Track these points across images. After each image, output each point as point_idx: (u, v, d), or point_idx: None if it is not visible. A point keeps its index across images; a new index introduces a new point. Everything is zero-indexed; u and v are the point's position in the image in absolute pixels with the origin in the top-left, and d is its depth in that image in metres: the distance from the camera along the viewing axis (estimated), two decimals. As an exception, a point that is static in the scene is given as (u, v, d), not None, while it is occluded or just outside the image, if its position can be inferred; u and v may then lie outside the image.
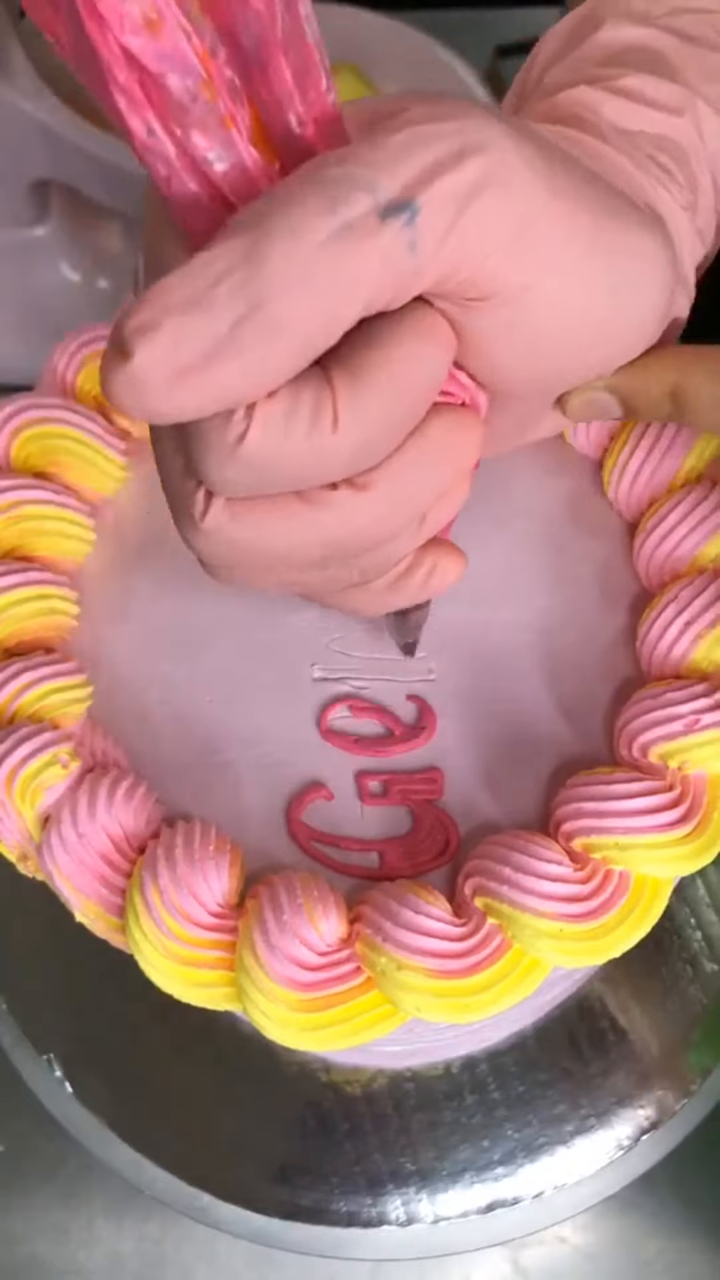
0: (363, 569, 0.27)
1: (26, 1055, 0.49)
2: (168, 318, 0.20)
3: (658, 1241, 0.51)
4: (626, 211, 0.27)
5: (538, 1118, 0.46)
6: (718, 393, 0.29)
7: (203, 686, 0.39)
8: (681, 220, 0.31)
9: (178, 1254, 0.51)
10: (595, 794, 0.34)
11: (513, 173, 0.23)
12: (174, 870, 0.33)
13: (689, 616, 0.36)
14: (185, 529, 0.26)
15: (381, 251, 0.21)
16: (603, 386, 0.30)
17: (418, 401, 0.24)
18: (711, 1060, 0.48)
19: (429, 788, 0.37)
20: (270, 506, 0.24)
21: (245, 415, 0.22)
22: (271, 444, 0.22)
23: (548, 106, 0.32)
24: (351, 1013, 0.33)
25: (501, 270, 0.23)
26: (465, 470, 0.27)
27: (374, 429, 0.23)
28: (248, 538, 0.25)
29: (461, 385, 0.27)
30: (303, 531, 0.25)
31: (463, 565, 0.30)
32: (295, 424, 0.22)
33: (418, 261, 0.22)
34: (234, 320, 0.21)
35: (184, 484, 0.25)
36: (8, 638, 0.38)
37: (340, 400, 0.23)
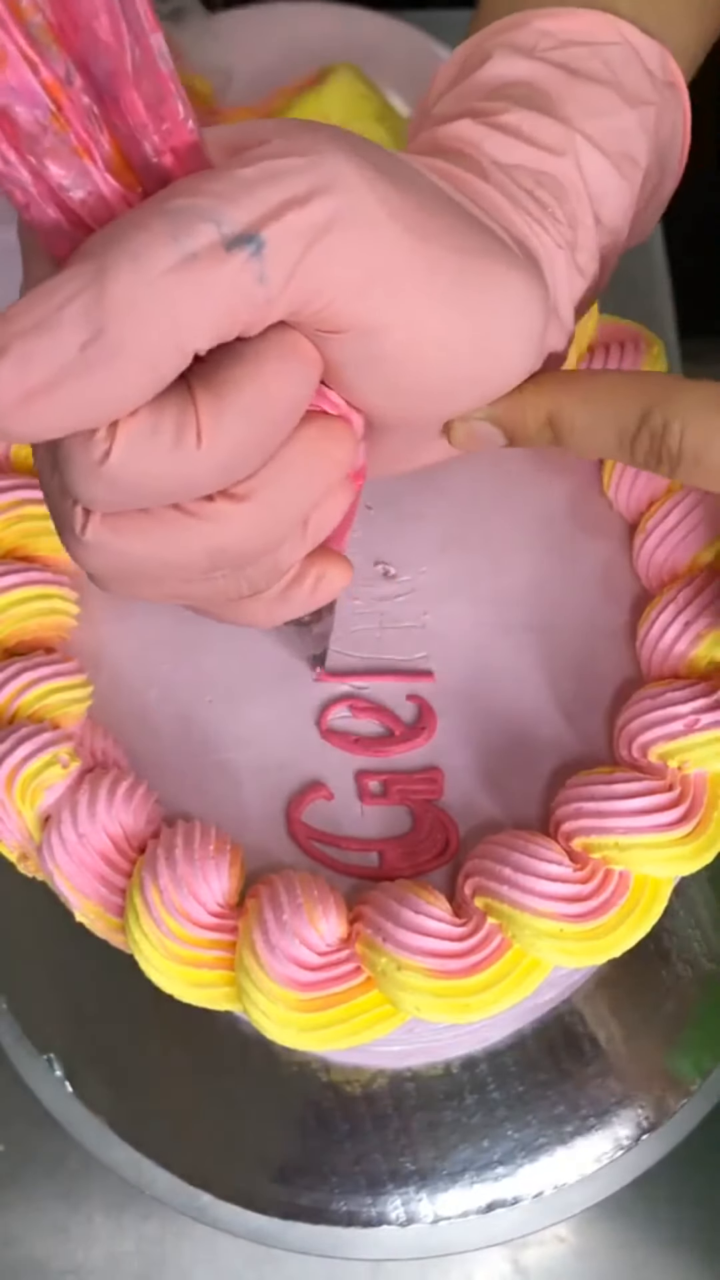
0: (250, 579, 0.27)
1: (26, 1055, 0.49)
2: (15, 341, 0.21)
3: (656, 1242, 0.51)
4: (495, 251, 0.27)
5: (537, 1118, 0.46)
6: (587, 419, 0.29)
7: (203, 686, 0.39)
8: (558, 258, 0.31)
9: (177, 1253, 0.51)
10: (595, 794, 0.34)
11: (364, 213, 0.23)
12: (174, 870, 0.33)
13: (689, 616, 0.36)
14: (69, 544, 0.26)
15: (228, 281, 0.22)
16: (482, 417, 0.30)
17: (283, 417, 0.25)
18: (710, 1061, 0.48)
19: (429, 788, 0.37)
20: (148, 519, 0.25)
21: (107, 434, 0.22)
22: (135, 461, 0.23)
23: (431, 139, 0.32)
24: (351, 1013, 0.33)
25: (352, 308, 0.24)
26: (340, 478, 0.27)
27: (239, 444, 0.24)
28: (129, 550, 0.25)
29: (332, 402, 0.27)
30: (184, 542, 0.25)
31: (348, 574, 0.30)
32: (158, 441, 0.23)
33: (267, 292, 0.22)
34: (79, 343, 0.21)
35: (62, 500, 0.25)
36: (8, 638, 0.39)
37: (203, 417, 0.23)
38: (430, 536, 0.41)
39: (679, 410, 0.28)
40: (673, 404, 0.28)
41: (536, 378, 0.30)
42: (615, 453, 0.30)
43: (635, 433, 0.29)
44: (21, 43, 0.20)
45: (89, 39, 0.21)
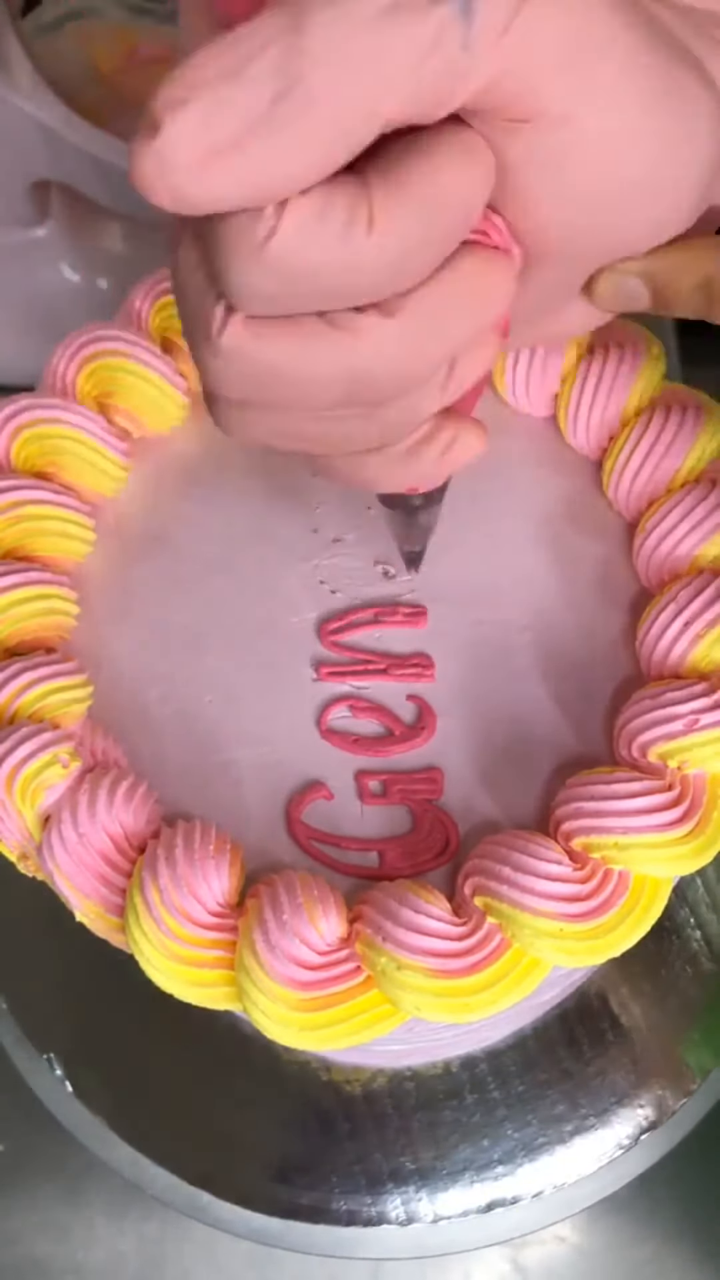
0: (383, 425, 0.26)
1: (27, 1055, 0.49)
2: (201, 91, 0.19)
3: (656, 1241, 0.51)
4: (684, 58, 0.25)
5: (537, 1117, 0.46)
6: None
7: (203, 686, 0.39)
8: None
9: (178, 1253, 0.51)
10: (595, 794, 0.34)
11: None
12: (174, 870, 0.33)
13: (689, 616, 0.36)
14: (201, 351, 0.24)
15: (431, 35, 0.20)
16: (635, 270, 0.28)
17: (454, 220, 0.23)
18: (710, 1060, 0.48)
19: (429, 787, 0.37)
20: (293, 327, 0.23)
21: (276, 211, 0.21)
22: (302, 244, 0.21)
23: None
24: (351, 1012, 0.33)
25: (551, 88, 0.22)
26: (495, 316, 0.26)
27: (408, 241, 0.22)
28: (267, 359, 0.23)
29: (497, 229, 0.25)
30: (326, 357, 0.23)
31: (484, 440, 0.28)
32: (328, 225, 0.21)
33: (470, 60, 0.20)
34: (271, 96, 0.19)
35: (204, 299, 0.23)
36: (8, 638, 0.39)
37: (376, 205, 0.21)
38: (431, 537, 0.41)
39: None
40: None
41: (690, 240, 0.28)
42: None
43: None
44: None
45: None
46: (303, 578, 0.41)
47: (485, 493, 0.42)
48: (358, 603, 0.40)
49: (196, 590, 0.41)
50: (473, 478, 0.42)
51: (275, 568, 0.41)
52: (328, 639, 0.40)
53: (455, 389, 0.26)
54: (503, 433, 0.43)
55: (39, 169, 0.57)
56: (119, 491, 0.43)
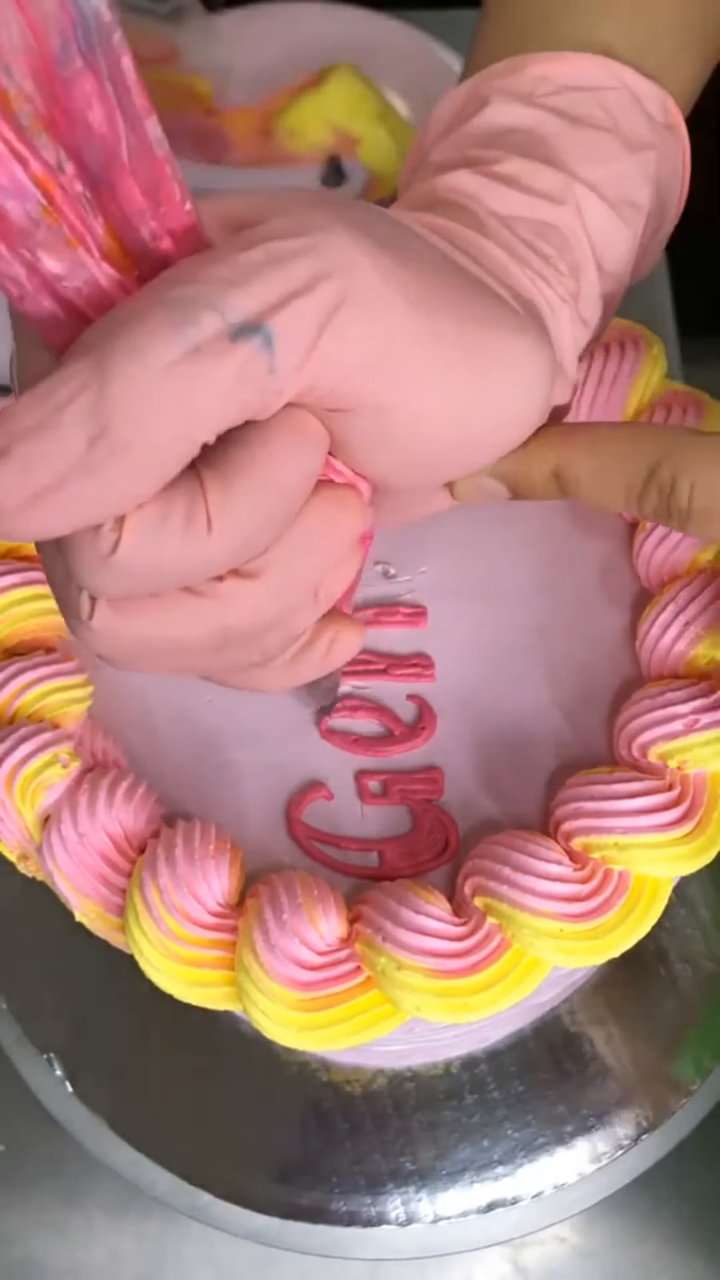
0: (262, 649, 0.27)
1: (27, 1055, 0.49)
2: (17, 443, 0.20)
3: (656, 1241, 0.51)
4: (499, 317, 0.27)
5: (537, 1117, 0.46)
6: (593, 467, 0.29)
7: (203, 686, 0.39)
8: (562, 312, 0.30)
9: (177, 1253, 0.51)
10: (595, 794, 0.34)
11: (371, 291, 0.23)
12: (174, 870, 0.33)
13: (689, 616, 0.36)
14: (75, 628, 0.25)
15: (235, 373, 0.21)
16: (489, 473, 0.30)
17: (292, 496, 0.24)
18: (710, 1061, 0.48)
19: (429, 787, 0.37)
20: (157, 603, 0.24)
21: (115, 526, 0.22)
22: (145, 551, 0.22)
23: (429, 190, 0.32)
24: (351, 1012, 0.33)
25: (359, 388, 0.23)
26: (351, 545, 0.27)
27: (249, 526, 0.23)
28: (138, 633, 0.24)
29: (339, 473, 0.27)
30: (194, 623, 0.25)
31: (361, 636, 0.30)
32: (168, 530, 0.22)
33: (278, 383, 0.22)
34: (85, 441, 0.20)
35: (68, 587, 0.24)
36: (8, 638, 0.39)
37: (212, 503, 0.22)
38: (430, 537, 0.41)
39: (687, 465, 0.28)
40: (680, 459, 0.28)
41: (541, 431, 0.30)
42: (624, 506, 0.29)
43: (643, 488, 0.28)
44: (11, 138, 0.20)
45: (82, 130, 0.20)
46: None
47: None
48: (358, 603, 0.40)
49: (196, 590, 0.41)
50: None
51: (275, 568, 0.41)
52: (328, 639, 0.40)
53: (325, 604, 0.27)
54: (503, 433, 0.43)
55: (39, 169, 0.57)
56: (119, 491, 0.43)
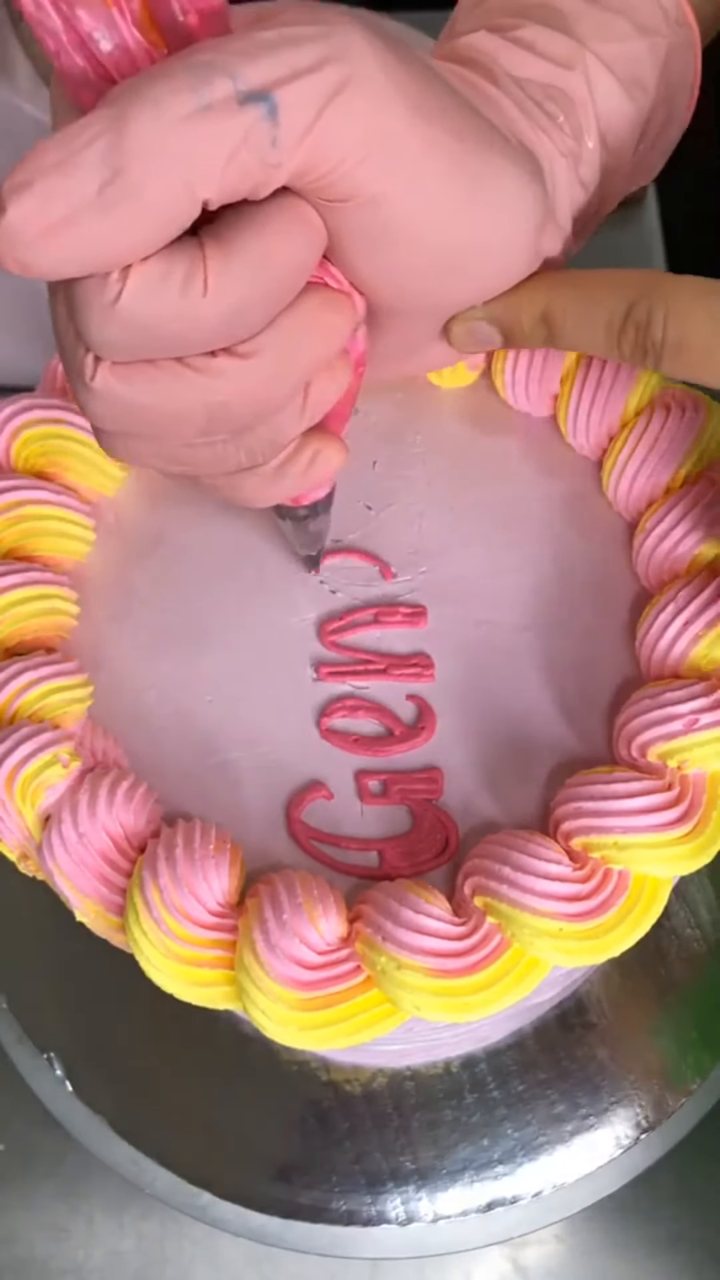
0: (249, 448, 0.29)
1: (27, 1054, 0.49)
2: (39, 177, 0.22)
3: (656, 1241, 0.51)
4: (497, 144, 0.29)
5: (537, 1117, 0.46)
6: (578, 308, 0.30)
7: (203, 686, 0.39)
8: (560, 165, 0.32)
9: (177, 1252, 0.51)
10: (594, 793, 0.34)
11: (373, 83, 0.25)
12: (174, 869, 0.33)
13: (688, 616, 0.36)
14: (78, 391, 0.27)
15: (239, 134, 0.23)
16: (480, 315, 0.32)
17: (286, 276, 0.26)
18: (710, 1060, 0.48)
19: (429, 787, 0.37)
20: (153, 369, 0.26)
21: (120, 276, 0.24)
22: (145, 304, 0.24)
23: (450, 49, 0.34)
24: (351, 1012, 0.33)
25: (356, 174, 0.25)
26: (338, 348, 0.29)
27: (242, 296, 0.25)
28: (134, 398, 0.26)
29: (335, 278, 0.28)
30: (185, 394, 0.26)
31: (344, 454, 0.32)
32: (168, 286, 0.24)
33: (278, 155, 0.24)
34: (99, 182, 0.22)
35: (75, 348, 0.26)
36: (8, 638, 0.39)
37: (210, 268, 0.24)
38: (430, 537, 0.41)
39: (662, 299, 0.29)
40: (657, 294, 0.29)
41: (531, 277, 0.31)
42: (604, 348, 0.30)
43: (622, 325, 0.30)
44: None
45: None
46: (303, 578, 0.41)
47: (485, 493, 0.42)
48: (358, 603, 0.40)
49: (196, 590, 0.41)
50: (473, 478, 0.42)
51: (275, 568, 0.41)
52: (328, 639, 0.40)
53: (313, 412, 0.29)
54: (503, 433, 0.43)
55: (39, 169, 0.57)
56: (119, 491, 0.43)
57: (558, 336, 0.31)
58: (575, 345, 0.31)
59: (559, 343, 0.31)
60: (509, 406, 0.44)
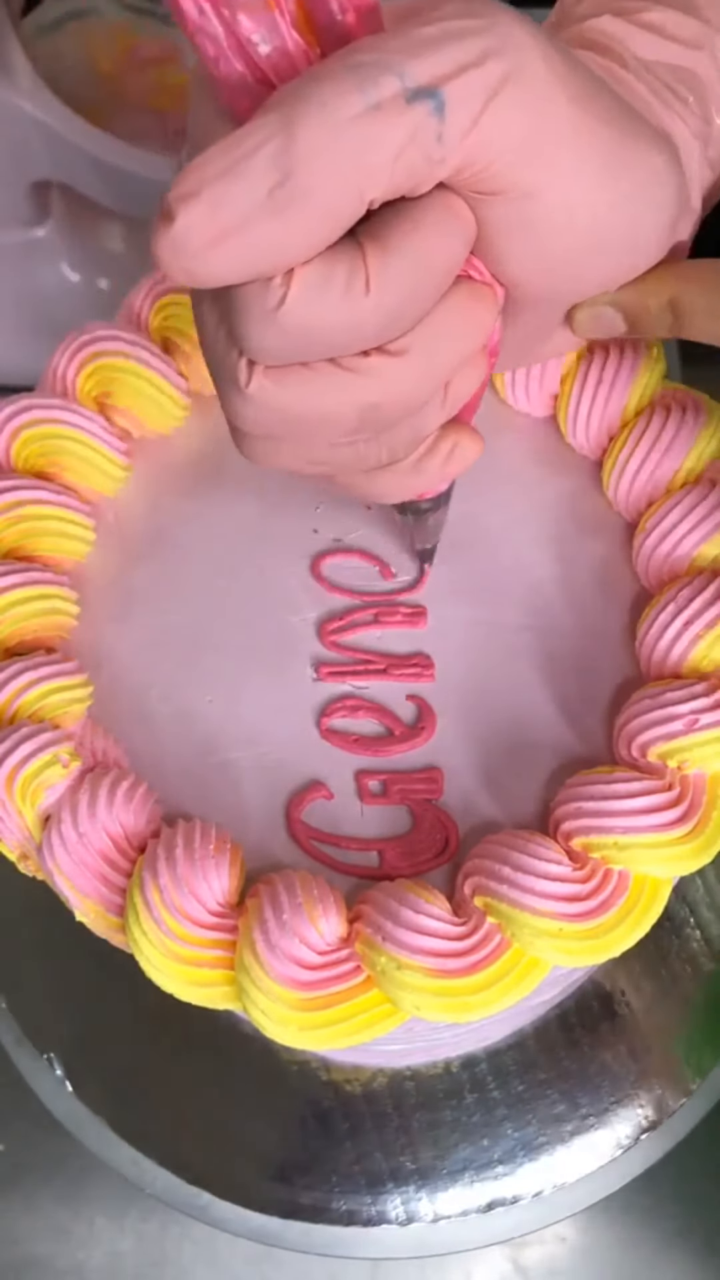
0: (390, 445, 0.29)
1: (27, 1055, 0.49)
2: (207, 185, 0.22)
3: (657, 1241, 0.51)
4: (641, 130, 0.29)
5: (537, 1117, 0.46)
6: (708, 300, 0.30)
7: (203, 686, 0.39)
8: (693, 147, 0.33)
9: (177, 1253, 0.51)
10: (594, 793, 0.34)
11: (535, 76, 0.25)
12: (174, 869, 0.33)
13: (688, 616, 0.36)
14: (229, 398, 0.27)
15: (408, 132, 0.23)
16: (607, 301, 0.32)
17: (441, 272, 0.26)
18: (710, 1060, 0.48)
19: (429, 787, 0.37)
20: (309, 372, 0.26)
21: (284, 281, 0.24)
22: (308, 307, 0.24)
23: (575, 33, 0.34)
24: (351, 1012, 0.33)
25: (516, 168, 0.25)
26: (483, 340, 0.29)
27: (401, 295, 0.25)
28: (288, 402, 0.26)
29: (479, 270, 0.28)
30: (340, 395, 0.26)
31: (481, 445, 0.32)
32: (330, 288, 0.24)
33: (443, 151, 0.24)
34: (268, 187, 0.22)
35: (228, 355, 0.26)
36: (8, 638, 0.39)
37: (371, 267, 0.24)
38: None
39: None
40: None
41: (658, 266, 0.31)
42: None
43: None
44: None
45: None
46: (302, 578, 0.41)
47: (485, 493, 0.42)
48: (358, 603, 0.40)
49: (197, 590, 0.41)
50: (473, 478, 0.42)
51: (275, 568, 0.41)
52: (328, 639, 0.40)
53: (452, 406, 0.29)
54: (503, 433, 0.43)
55: (39, 169, 0.57)
56: (119, 491, 0.43)
57: (685, 325, 0.31)
58: (702, 334, 0.31)
59: (685, 331, 0.31)
60: (509, 406, 0.44)
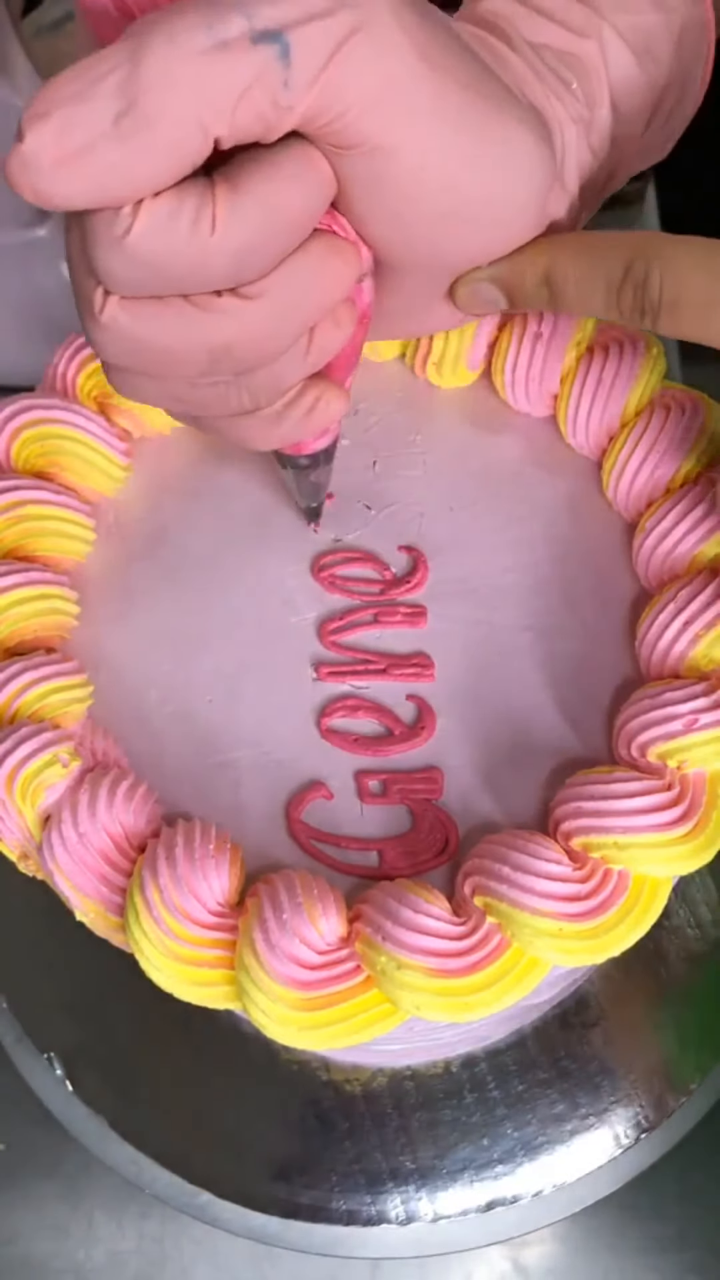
0: (251, 390, 0.29)
1: (27, 1054, 0.49)
2: (57, 107, 0.23)
3: (656, 1240, 0.51)
4: (508, 103, 0.29)
5: (537, 1116, 0.46)
6: (582, 272, 0.31)
7: (203, 686, 0.39)
8: (571, 130, 0.33)
9: (177, 1252, 0.51)
10: (594, 793, 0.34)
11: (385, 32, 0.25)
12: (174, 869, 0.33)
13: (688, 616, 0.36)
14: (87, 325, 0.28)
15: (252, 72, 0.23)
16: (484, 276, 0.32)
17: (294, 220, 0.27)
18: (710, 1059, 0.48)
19: (428, 787, 0.37)
20: (160, 305, 0.27)
21: (131, 211, 0.24)
22: (155, 239, 0.25)
23: (470, 11, 0.35)
24: (351, 1011, 0.33)
25: (365, 123, 0.26)
26: (341, 295, 0.29)
27: (249, 237, 0.26)
28: (140, 334, 0.27)
29: (343, 227, 0.29)
30: (190, 331, 0.27)
31: (345, 401, 0.32)
32: (177, 222, 0.25)
33: (290, 97, 0.24)
34: (115, 113, 0.23)
35: (86, 281, 0.27)
36: (8, 638, 0.39)
37: (220, 206, 0.25)
38: (430, 537, 0.41)
39: (659, 257, 0.29)
40: (655, 252, 0.29)
41: (534, 240, 0.31)
42: (604, 309, 0.31)
43: (620, 284, 0.30)
44: None
45: None
46: (302, 578, 0.41)
47: (485, 493, 0.42)
48: (358, 603, 0.40)
49: (197, 590, 0.41)
50: (473, 478, 0.42)
51: (275, 568, 0.41)
52: (328, 639, 0.40)
53: (316, 358, 0.30)
54: (503, 433, 0.43)
55: (39, 169, 0.57)
56: (119, 491, 0.43)
57: (559, 298, 0.31)
58: (576, 307, 0.31)
59: (560, 305, 0.32)
60: (509, 406, 0.44)
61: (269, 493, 0.43)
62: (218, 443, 0.43)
